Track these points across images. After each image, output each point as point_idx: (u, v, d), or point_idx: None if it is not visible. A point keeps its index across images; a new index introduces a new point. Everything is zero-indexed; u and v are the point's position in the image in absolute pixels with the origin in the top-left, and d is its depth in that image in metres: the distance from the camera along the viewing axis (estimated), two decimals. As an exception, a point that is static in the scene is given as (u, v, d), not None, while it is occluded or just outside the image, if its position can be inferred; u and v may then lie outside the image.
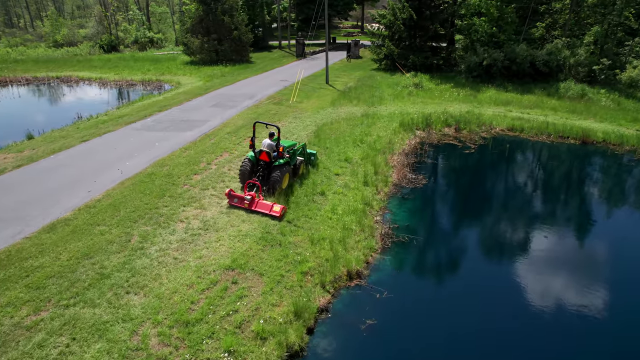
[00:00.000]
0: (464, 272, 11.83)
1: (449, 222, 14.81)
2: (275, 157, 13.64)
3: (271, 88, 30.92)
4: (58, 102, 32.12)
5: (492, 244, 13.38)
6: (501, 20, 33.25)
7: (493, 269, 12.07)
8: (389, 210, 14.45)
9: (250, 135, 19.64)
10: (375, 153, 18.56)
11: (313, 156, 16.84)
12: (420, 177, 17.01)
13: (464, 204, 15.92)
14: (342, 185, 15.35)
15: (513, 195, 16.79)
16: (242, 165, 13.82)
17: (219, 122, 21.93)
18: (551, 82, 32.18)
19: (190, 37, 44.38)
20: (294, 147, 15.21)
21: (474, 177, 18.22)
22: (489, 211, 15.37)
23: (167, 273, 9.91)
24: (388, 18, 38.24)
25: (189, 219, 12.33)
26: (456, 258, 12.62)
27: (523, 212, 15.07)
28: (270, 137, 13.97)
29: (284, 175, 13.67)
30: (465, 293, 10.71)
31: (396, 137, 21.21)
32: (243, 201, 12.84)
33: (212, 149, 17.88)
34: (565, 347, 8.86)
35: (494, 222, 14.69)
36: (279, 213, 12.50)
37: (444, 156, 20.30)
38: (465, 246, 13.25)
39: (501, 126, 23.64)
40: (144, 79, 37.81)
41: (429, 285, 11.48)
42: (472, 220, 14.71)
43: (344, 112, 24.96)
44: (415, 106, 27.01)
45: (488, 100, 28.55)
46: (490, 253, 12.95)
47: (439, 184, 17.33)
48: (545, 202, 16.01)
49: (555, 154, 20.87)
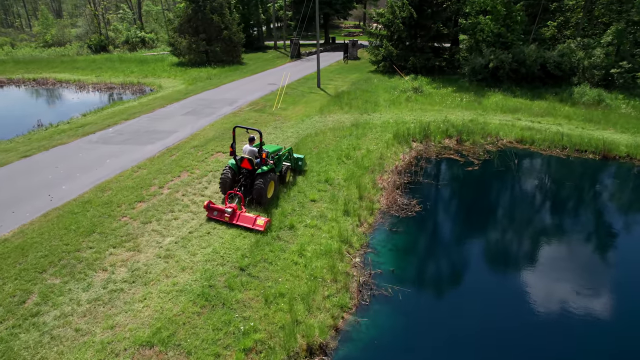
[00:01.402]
0: (466, 343, 9.09)
1: (446, 265, 12.07)
2: (258, 164, 12.38)
3: (256, 93, 28.35)
4: (24, 107, 29.60)
5: (504, 299, 10.61)
6: (509, 19, 30.46)
7: (504, 340, 9.30)
8: (371, 249, 11.81)
9: (219, 148, 17.12)
10: (362, 172, 15.95)
11: (300, 161, 15.28)
12: (414, 203, 14.35)
13: (464, 240, 13.21)
14: (317, 215, 12.73)
15: (525, 227, 14.00)
16: (223, 174, 12.61)
17: (188, 133, 19.38)
18: (563, 87, 29.36)
19: (177, 37, 41.96)
20: (279, 152, 13.96)
21: (477, 202, 15.49)
22: (496, 250, 12.67)
23: (57, 356, 7.33)
24: (386, 17, 35.56)
25: (115, 266, 9.77)
26: (455, 322, 9.45)
27: (539, 253, 12.36)
28: (250, 143, 12.76)
29: (269, 183, 12.41)
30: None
31: (389, 150, 18.57)
32: (223, 214, 11.58)
33: (170, 167, 15.32)
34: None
35: (503, 265, 11.98)
36: (263, 227, 11.33)
37: (442, 174, 17.62)
38: (467, 303, 10.29)
39: (509, 137, 20.91)
40: (125, 81, 35.38)
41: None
42: (473, 262, 12.01)
43: (332, 120, 22.33)
44: (413, 113, 24.33)
45: (494, 107, 25.79)
46: (502, 316, 9.98)
47: (435, 211, 14.53)
48: (566, 239, 13.29)
49: (573, 172, 18.12)
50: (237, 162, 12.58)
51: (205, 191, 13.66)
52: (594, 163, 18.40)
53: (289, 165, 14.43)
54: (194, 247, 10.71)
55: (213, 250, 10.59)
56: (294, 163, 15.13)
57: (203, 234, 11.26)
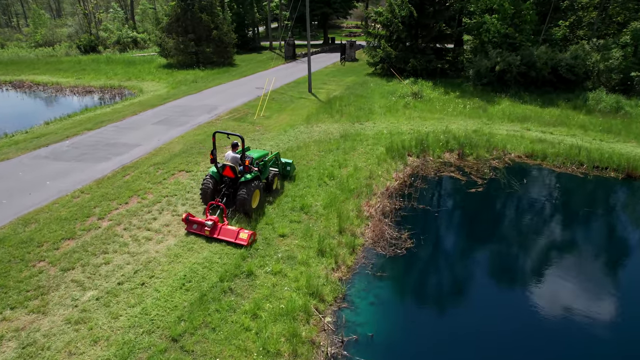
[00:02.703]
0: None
1: (443, 327, 9.65)
2: (242, 172, 11.61)
3: (241, 98, 26.07)
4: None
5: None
6: (517, 18, 27.98)
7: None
8: (347, 303, 9.46)
9: (183, 166, 14.88)
10: (347, 196, 13.62)
11: (289, 166, 14.32)
12: (405, 236, 12.00)
13: (464, 289, 10.82)
14: (285, 256, 10.41)
15: (539, 269, 11.60)
16: (204, 183, 11.76)
17: (153, 146, 17.12)
18: (577, 92, 26.86)
19: (165, 37, 39.79)
20: (265, 158, 13.01)
21: (480, 236, 13.03)
22: (507, 304, 10.26)
23: None
24: (385, 16, 33.16)
25: (2, 339, 7.48)
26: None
27: (561, 309, 9.95)
28: (233, 149, 11.97)
29: (253, 192, 11.50)
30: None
31: (380, 168, 16.22)
32: (203, 228, 10.74)
33: (119, 191, 13.05)
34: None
35: (517, 328, 9.56)
36: (247, 241, 10.46)
37: (441, 198, 15.24)
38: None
39: (517, 151, 18.48)
40: (106, 84, 33.19)
41: None
42: (477, 322, 9.60)
43: (318, 131, 19.99)
44: (411, 122, 21.94)
45: (500, 115, 23.35)
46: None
47: (429, 248, 11.99)
48: (592, 286, 10.87)
49: (594, 194, 15.69)
50: (218, 170, 11.66)
51: (153, 223, 11.39)
52: (617, 183, 15.96)
53: (277, 171, 13.55)
54: (119, 305, 8.42)
55: (142, 311, 8.30)
56: (282, 168, 14.16)
57: (135, 286, 8.97)
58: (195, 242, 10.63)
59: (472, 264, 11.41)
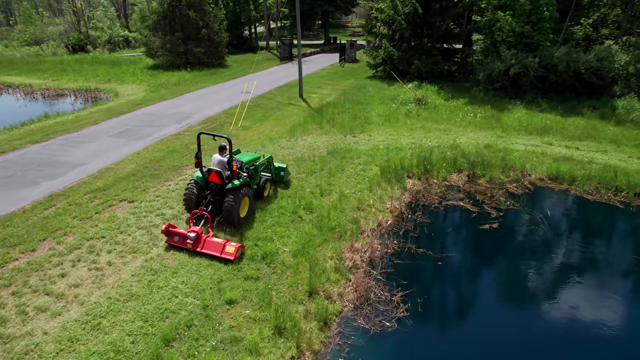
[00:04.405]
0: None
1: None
2: (229, 178, 10.57)
3: (221, 104, 23.18)
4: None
5: None
6: (534, 15, 24.79)
7: None
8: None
9: (127, 194, 12.04)
10: (326, 237, 10.71)
11: (283, 171, 13.13)
12: (397, 299, 9.02)
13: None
14: (227, 337, 7.47)
15: (579, 343, 8.52)
16: (188, 189, 10.77)
17: (99, 166, 14.25)
18: (603, 99, 23.67)
19: (151, 36, 37.03)
20: (256, 162, 12.05)
21: (495, 299, 9.97)
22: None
23: None
24: (387, 12, 30.07)
25: None
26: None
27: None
28: (220, 152, 11.01)
29: (242, 200, 10.47)
30: None
31: (372, 195, 13.25)
32: (185, 240, 9.67)
33: (30, 232, 10.17)
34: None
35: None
36: (234, 255, 9.37)
37: (445, 237, 12.17)
38: None
39: (539, 172, 15.38)
40: (82, 87, 30.46)
41: None
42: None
43: (303, 145, 17.03)
44: (413, 135, 18.92)
45: (516, 126, 20.25)
46: None
47: (429, 318, 8.81)
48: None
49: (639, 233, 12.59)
50: (203, 174, 10.62)
51: (58, 283, 8.50)
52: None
53: (269, 176, 12.64)
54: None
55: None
56: (275, 174, 13.11)
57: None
58: (106, 315, 7.73)
59: (486, 344, 8.35)
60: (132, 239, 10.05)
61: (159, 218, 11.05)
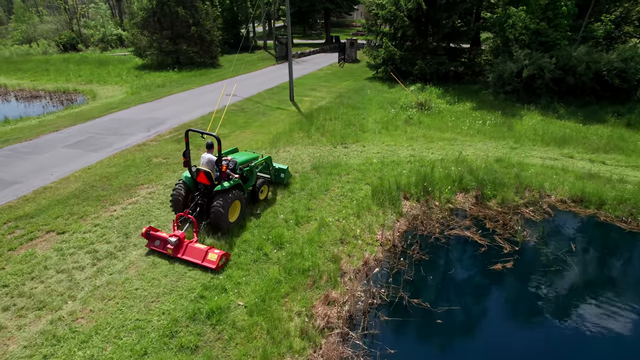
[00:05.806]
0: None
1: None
2: (218, 179, 9.63)
3: (202, 108, 21.00)
4: None
5: None
6: (551, 11, 22.34)
7: None
8: None
9: (57, 223, 9.82)
10: (295, 283, 8.45)
11: (283, 173, 12.30)
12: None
13: None
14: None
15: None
16: (175, 190, 9.94)
17: (37, 185, 12.07)
18: (628, 105, 21.18)
19: (138, 34, 34.98)
20: (252, 163, 11.35)
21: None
22: None
23: None
24: (388, 9, 27.72)
25: None
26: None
27: None
28: (208, 150, 10.03)
29: (231, 204, 9.54)
30: None
31: (359, 222, 10.97)
32: (166, 244, 8.80)
33: None
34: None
35: None
36: (216, 263, 8.42)
37: (447, 282, 9.79)
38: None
39: (560, 193, 12.97)
40: (60, 88, 28.43)
41: None
42: None
43: (284, 159, 14.75)
44: (413, 145, 16.60)
45: (531, 135, 17.86)
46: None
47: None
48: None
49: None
50: (192, 174, 9.94)
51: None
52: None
53: (267, 178, 12.01)
54: None
55: None
56: (274, 175, 12.37)
57: None
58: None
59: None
60: (44, 288, 7.84)
61: (89, 256, 8.84)
